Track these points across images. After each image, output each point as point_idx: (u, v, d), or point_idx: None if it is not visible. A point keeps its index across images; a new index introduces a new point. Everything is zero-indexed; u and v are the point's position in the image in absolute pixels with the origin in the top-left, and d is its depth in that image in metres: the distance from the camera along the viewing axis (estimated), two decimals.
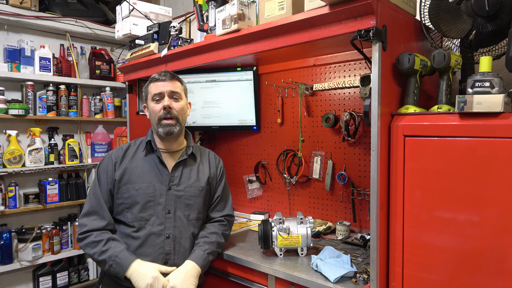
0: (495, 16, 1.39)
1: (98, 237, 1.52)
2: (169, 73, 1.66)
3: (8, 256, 2.64)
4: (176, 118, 1.62)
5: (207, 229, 1.69)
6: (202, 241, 1.62)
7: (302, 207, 2.22)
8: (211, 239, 1.63)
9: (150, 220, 1.58)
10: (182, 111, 1.66)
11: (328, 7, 1.34)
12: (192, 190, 1.66)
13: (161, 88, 1.61)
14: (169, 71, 1.68)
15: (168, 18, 2.47)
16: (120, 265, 1.46)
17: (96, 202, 1.59)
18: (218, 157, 1.86)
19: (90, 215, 1.58)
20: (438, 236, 1.20)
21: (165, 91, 1.61)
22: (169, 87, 1.62)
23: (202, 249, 1.59)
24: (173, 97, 1.63)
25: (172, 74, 1.67)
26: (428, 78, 1.49)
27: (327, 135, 2.09)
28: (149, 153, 1.67)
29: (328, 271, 1.40)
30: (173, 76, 1.66)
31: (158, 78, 1.63)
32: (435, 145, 1.20)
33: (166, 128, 1.60)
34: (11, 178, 2.79)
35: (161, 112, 1.60)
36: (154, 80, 1.64)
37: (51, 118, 2.94)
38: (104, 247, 1.50)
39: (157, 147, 1.66)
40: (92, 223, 1.56)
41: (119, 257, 1.47)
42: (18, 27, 2.84)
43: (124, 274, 1.46)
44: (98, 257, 1.50)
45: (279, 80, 2.26)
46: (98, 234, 1.53)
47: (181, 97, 1.67)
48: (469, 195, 1.14)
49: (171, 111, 1.61)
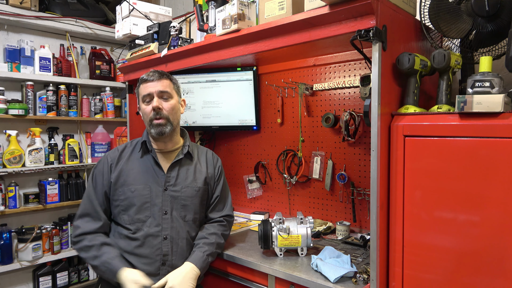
0: (495, 16, 1.39)
1: (92, 241, 1.53)
2: (158, 72, 1.63)
3: (8, 256, 2.64)
4: (167, 118, 1.60)
5: (207, 230, 1.68)
6: (202, 242, 1.62)
7: (302, 207, 2.22)
8: (210, 240, 1.63)
9: (147, 222, 1.57)
10: (173, 111, 1.63)
11: (328, 7, 1.34)
12: (189, 190, 1.64)
13: (149, 89, 1.59)
14: (158, 70, 1.64)
15: (168, 18, 2.47)
16: (111, 272, 1.48)
17: (90, 205, 1.60)
18: (217, 156, 1.84)
19: (84, 217, 1.59)
20: (438, 236, 1.20)
21: (153, 92, 1.58)
22: (158, 87, 1.59)
23: (201, 250, 1.58)
24: (163, 97, 1.60)
25: (160, 73, 1.63)
26: (428, 78, 1.49)
27: (327, 135, 2.09)
28: (144, 154, 1.66)
29: (328, 271, 1.40)
30: (161, 75, 1.62)
31: (146, 79, 1.61)
32: (435, 145, 1.20)
33: (157, 128, 1.58)
34: (11, 178, 2.79)
35: (151, 113, 1.58)
36: (143, 81, 1.62)
37: (51, 118, 2.94)
38: (98, 253, 1.51)
39: (152, 147, 1.65)
40: (86, 225, 1.57)
41: (111, 264, 1.48)
42: (18, 27, 2.84)
43: (116, 280, 1.48)
44: (90, 262, 1.52)
45: (279, 80, 2.26)
46: (92, 238, 1.54)
47: (171, 96, 1.63)
48: (469, 195, 1.14)
49: (161, 112, 1.58)
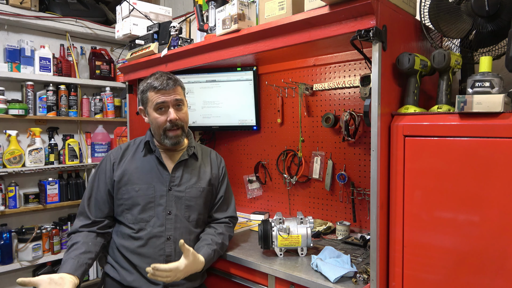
0: (495, 16, 1.39)
1: (70, 240, 1.53)
2: (171, 79, 1.55)
3: (8, 256, 2.64)
4: (182, 127, 1.59)
5: (215, 229, 1.67)
6: (210, 239, 1.59)
7: (302, 207, 2.22)
8: (218, 240, 1.62)
9: (150, 222, 1.56)
10: (187, 117, 1.61)
11: (328, 7, 1.34)
12: (193, 191, 1.63)
13: (165, 98, 1.52)
14: (169, 75, 1.57)
15: (168, 18, 2.47)
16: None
17: (85, 203, 1.61)
18: (220, 157, 1.83)
19: (79, 216, 1.61)
20: (438, 236, 1.20)
21: (169, 101, 1.53)
22: (173, 95, 1.53)
23: (210, 248, 1.56)
24: (177, 104, 1.56)
25: (174, 80, 1.56)
26: (428, 78, 1.49)
27: (327, 135, 2.09)
28: (148, 153, 1.65)
29: (328, 271, 1.40)
30: (175, 83, 1.55)
31: (161, 88, 1.51)
32: (435, 145, 1.20)
33: (173, 139, 1.57)
34: (11, 178, 2.78)
35: (166, 124, 1.54)
36: (154, 88, 1.53)
37: (51, 118, 2.94)
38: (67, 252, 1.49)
39: (156, 147, 1.64)
40: (77, 223, 1.58)
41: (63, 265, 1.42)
42: (18, 27, 2.84)
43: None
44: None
45: (279, 80, 2.26)
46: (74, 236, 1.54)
47: (184, 103, 1.60)
48: (469, 195, 1.14)
49: (177, 122, 1.56)
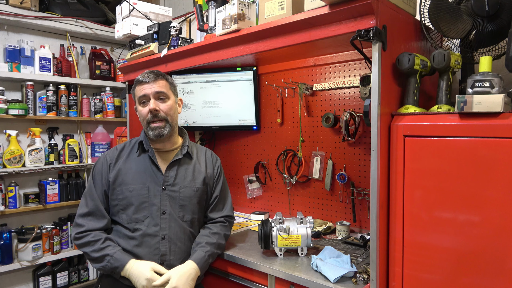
0: (495, 16, 1.39)
1: (96, 236, 1.54)
2: (153, 72, 1.61)
3: (8, 256, 2.64)
4: (165, 119, 1.59)
5: (209, 229, 1.67)
6: (204, 241, 1.61)
7: (302, 207, 2.22)
8: (212, 240, 1.62)
9: (145, 221, 1.57)
10: (171, 111, 1.62)
11: (328, 7, 1.34)
12: (187, 190, 1.64)
13: (145, 90, 1.57)
14: (154, 71, 1.62)
15: (168, 18, 2.47)
16: (116, 263, 1.49)
17: (93, 204, 1.59)
18: (216, 156, 1.83)
19: (87, 216, 1.58)
20: (438, 236, 1.20)
21: (150, 93, 1.57)
22: (154, 88, 1.57)
23: (203, 250, 1.58)
24: (159, 97, 1.59)
25: (156, 73, 1.61)
26: (428, 78, 1.49)
27: (327, 135, 2.09)
28: (142, 153, 1.66)
29: (328, 271, 1.40)
30: (157, 76, 1.60)
31: (142, 80, 1.58)
32: (435, 145, 1.20)
33: (155, 131, 1.58)
34: (11, 178, 2.79)
35: (148, 115, 1.57)
36: (138, 82, 1.60)
37: (51, 118, 2.94)
38: (102, 245, 1.52)
39: (149, 147, 1.65)
40: (89, 223, 1.56)
41: (115, 257, 1.50)
42: (18, 27, 2.84)
43: (120, 272, 1.49)
44: (95, 254, 1.51)
45: (279, 80, 2.26)
46: (96, 234, 1.55)
47: (168, 96, 1.62)
48: (469, 195, 1.14)
49: (158, 114, 1.57)
